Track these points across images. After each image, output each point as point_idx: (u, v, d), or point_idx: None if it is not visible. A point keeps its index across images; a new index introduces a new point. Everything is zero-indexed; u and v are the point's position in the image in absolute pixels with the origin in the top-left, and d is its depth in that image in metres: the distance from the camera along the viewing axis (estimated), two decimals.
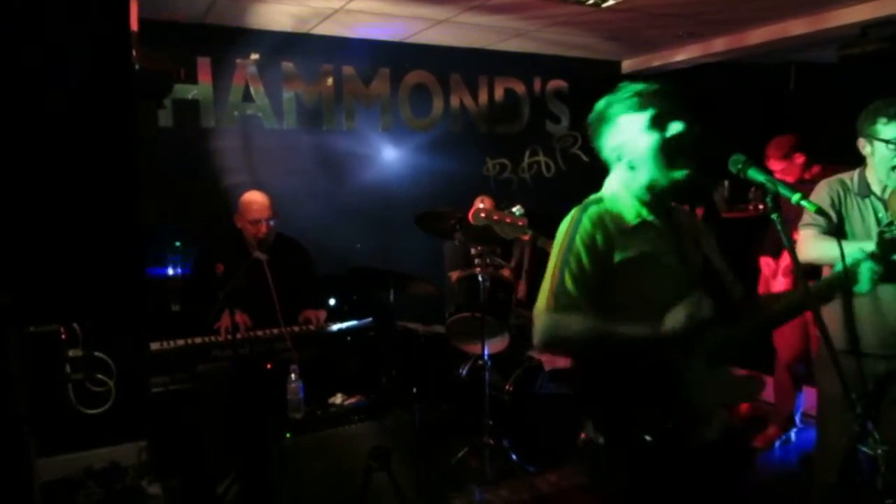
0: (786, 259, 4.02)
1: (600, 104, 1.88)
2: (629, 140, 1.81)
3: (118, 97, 1.27)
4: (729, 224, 5.07)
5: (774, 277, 4.12)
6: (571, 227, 1.81)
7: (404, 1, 3.99)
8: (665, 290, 1.76)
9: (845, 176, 2.68)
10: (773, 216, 1.67)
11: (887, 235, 1.95)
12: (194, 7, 4.01)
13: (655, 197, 1.83)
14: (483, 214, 2.69)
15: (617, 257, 1.78)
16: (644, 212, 1.82)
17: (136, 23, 2.58)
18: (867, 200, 2.58)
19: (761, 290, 4.21)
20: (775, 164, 4.05)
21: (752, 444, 4.18)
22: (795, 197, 1.65)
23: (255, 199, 3.76)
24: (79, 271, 1.34)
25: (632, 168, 1.82)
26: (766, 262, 4.20)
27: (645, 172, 1.80)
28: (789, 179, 3.95)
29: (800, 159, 4.01)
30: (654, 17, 4.41)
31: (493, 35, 4.89)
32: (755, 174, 1.70)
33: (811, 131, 4.10)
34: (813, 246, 2.60)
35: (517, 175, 5.68)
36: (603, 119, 1.86)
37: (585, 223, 1.79)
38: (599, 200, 1.87)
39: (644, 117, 1.78)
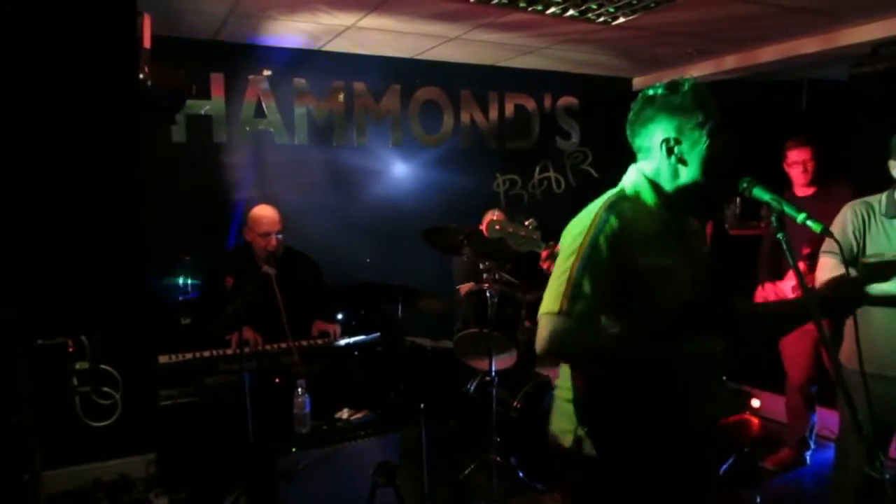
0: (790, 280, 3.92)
1: (659, 91, 1.76)
2: (689, 135, 1.72)
3: (122, 111, 1.29)
4: (737, 241, 5.05)
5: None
6: (595, 225, 1.67)
7: (415, 18, 4.03)
8: (677, 300, 1.72)
9: (871, 198, 2.68)
10: (780, 235, 1.67)
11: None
12: (207, 24, 4.07)
13: (685, 200, 1.76)
14: (498, 226, 2.69)
15: (640, 263, 1.67)
16: (665, 215, 1.76)
17: (149, 40, 2.63)
18: (894, 221, 2.57)
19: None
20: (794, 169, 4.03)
21: (764, 466, 4.12)
22: (801, 217, 1.64)
23: (264, 213, 3.79)
24: (85, 284, 1.36)
25: (678, 163, 1.73)
26: (770, 288, 4.08)
27: (689, 171, 1.73)
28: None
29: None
30: (664, 34, 4.42)
31: (504, 52, 4.92)
32: (760, 193, 1.70)
33: (824, 149, 4.06)
34: (830, 276, 2.59)
35: (527, 191, 5.69)
36: (666, 106, 1.74)
37: (613, 222, 1.66)
38: (621, 195, 1.77)
39: (709, 119, 1.72)
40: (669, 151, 1.72)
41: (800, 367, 4.05)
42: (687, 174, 1.73)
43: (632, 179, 1.81)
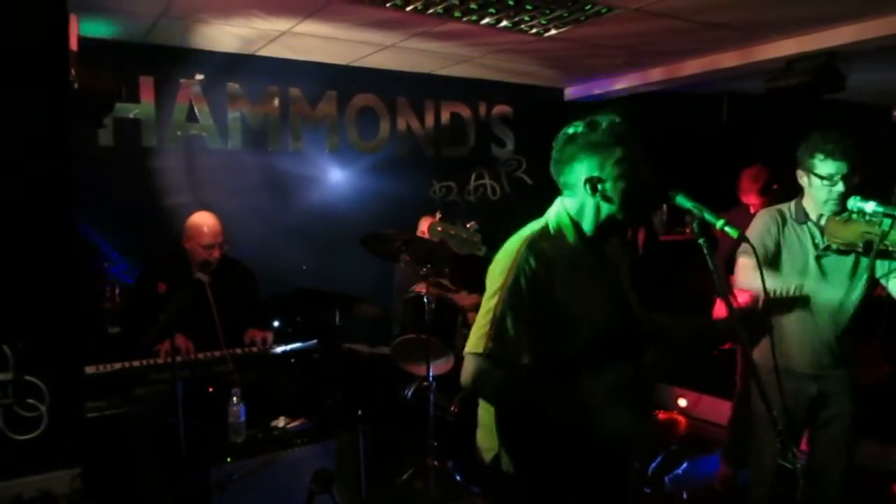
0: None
1: (579, 129, 1.79)
2: (609, 171, 1.76)
3: (54, 115, 1.26)
4: (666, 247, 5.26)
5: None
6: (515, 264, 1.73)
7: (351, 26, 4.04)
8: (592, 331, 1.80)
9: (783, 206, 2.81)
10: (700, 241, 1.76)
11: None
12: (137, 26, 3.97)
13: (603, 229, 1.83)
14: (440, 228, 2.73)
15: (560, 299, 1.75)
16: (584, 251, 1.83)
17: (75, 41, 2.56)
18: (804, 226, 2.70)
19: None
20: (753, 199, 3.99)
21: (714, 488, 4.00)
22: (719, 223, 1.74)
23: (206, 222, 3.67)
24: (10, 292, 1.32)
25: (602, 200, 1.78)
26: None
27: (611, 207, 1.79)
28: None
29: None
30: (593, 47, 4.57)
31: (439, 60, 4.98)
32: (683, 200, 1.79)
33: (744, 158, 4.24)
34: (749, 276, 2.70)
35: (463, 197, 5.77)
36: (587, 144, 1.77)
37: (531, 261, 1.73)
38: (543, 231, 1.83)
39: (629, 153, 1.76)
40: (594, 190, 1.77)
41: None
42: (609, 209, 1.80)
43: (556, 214, 1.86)
